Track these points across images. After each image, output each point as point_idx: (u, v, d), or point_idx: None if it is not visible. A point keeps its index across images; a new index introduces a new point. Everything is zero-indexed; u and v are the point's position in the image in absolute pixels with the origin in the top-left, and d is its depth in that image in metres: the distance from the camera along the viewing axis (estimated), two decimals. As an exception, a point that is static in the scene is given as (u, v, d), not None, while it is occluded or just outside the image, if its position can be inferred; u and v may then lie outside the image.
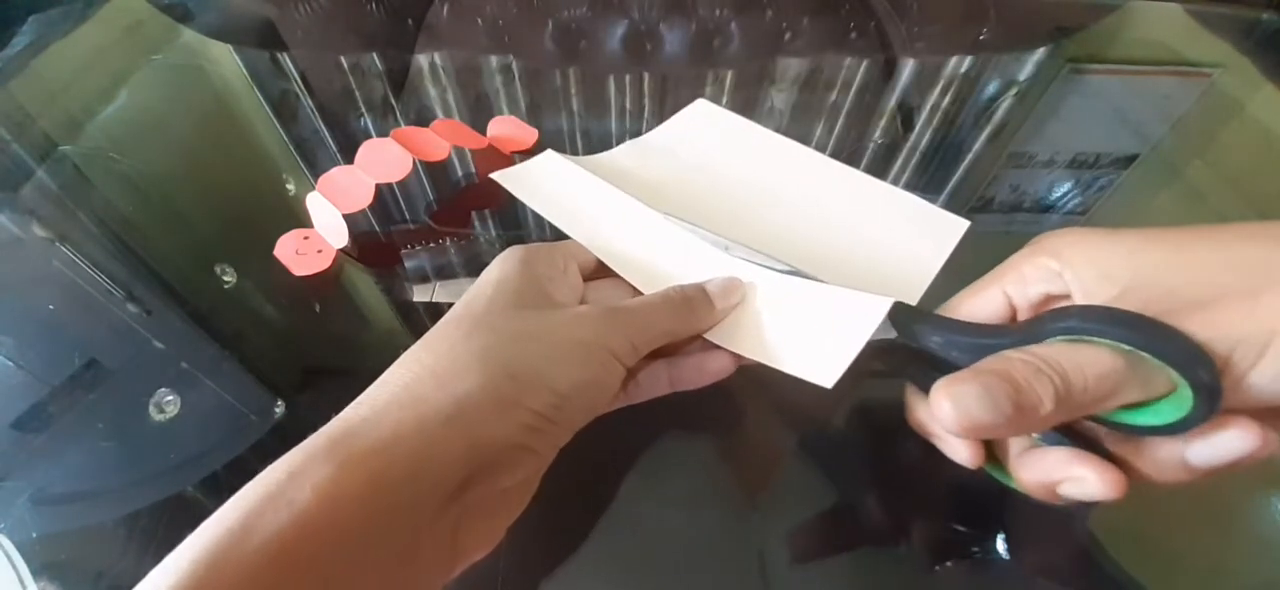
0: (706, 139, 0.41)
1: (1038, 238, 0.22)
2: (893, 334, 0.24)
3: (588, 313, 0.23)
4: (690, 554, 0.26)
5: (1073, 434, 0.21)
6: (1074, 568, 0.27)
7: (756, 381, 0.32)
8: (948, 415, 0.18)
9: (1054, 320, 0.19)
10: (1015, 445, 0.22)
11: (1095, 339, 0.18)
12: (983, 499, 0.29)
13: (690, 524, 0.27)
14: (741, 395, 0.32)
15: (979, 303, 0.23)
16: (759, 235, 0.29)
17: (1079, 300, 0.20)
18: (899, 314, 0.24)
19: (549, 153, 0.32)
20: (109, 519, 0.27)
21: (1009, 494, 0.29)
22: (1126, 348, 0.18)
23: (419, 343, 0.22)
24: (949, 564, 0.26)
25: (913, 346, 0.23)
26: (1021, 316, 0.22)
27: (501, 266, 0.24)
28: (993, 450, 0.23)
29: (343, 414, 0.20)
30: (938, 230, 0.35)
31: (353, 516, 0.17)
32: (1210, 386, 0.17)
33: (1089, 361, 0.18)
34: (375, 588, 0.18)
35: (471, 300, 0.23)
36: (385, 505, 0.18)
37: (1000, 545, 0.27)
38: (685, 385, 0.26)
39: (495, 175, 0.28)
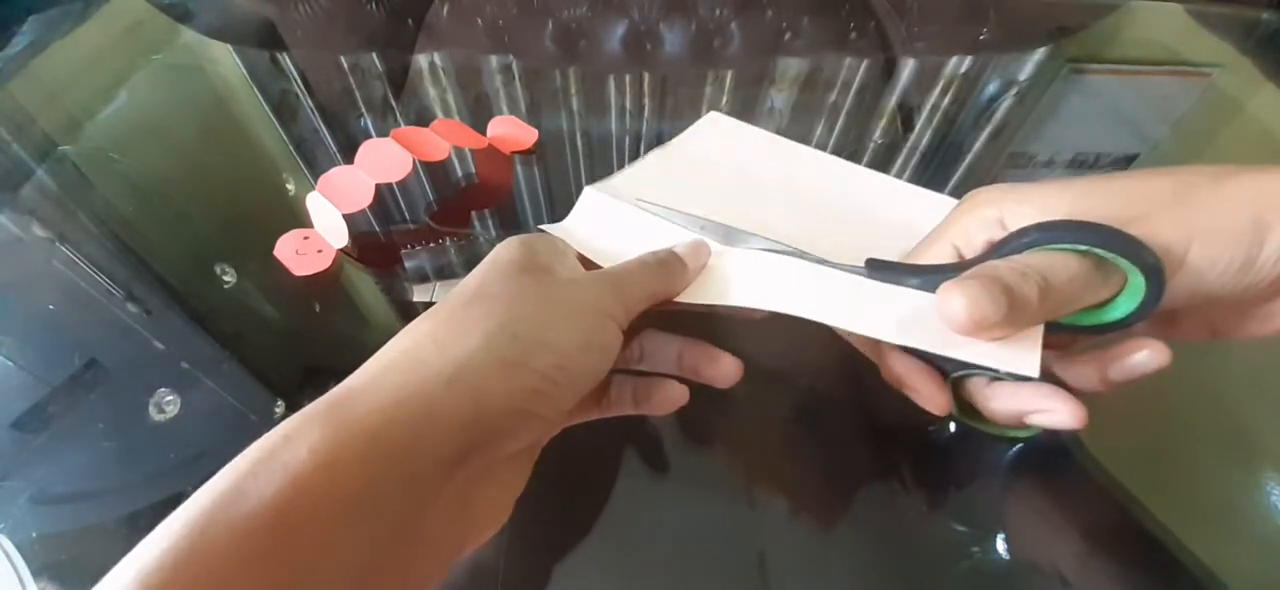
0: (727, 151, 0.41)
1: (972, 193, 0.24)
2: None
3: (583, 278, 0.24)
4: (690, 554, 0.26)
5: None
6: (1074, 568, 0.27)
7: (755, 381, 0.32)
8: (959, 310, 0.20)
9: (1017, 239, 0.21)
10: (977, 386, 0.24)
11: (1056, 247, 0.21)
12: (983, 499, 0.29)
13: (690, 524, 0.27)
14: (740, 396, 0.32)
15: (930, 255, 0.25)
16: (806, 247, 0.29)
17: None
18: (875, 265, 0.25)
19: (588, 192, 0.32)
20: (109, 519, 0.27)
21: (1009, 494, 0.29)
22: (1083, 248, 0.20)
23: (421, 316, 0.22)
24: (949, 564, 0.26)
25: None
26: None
27: (502, 247, 0.25)
28: (959, 394, 0.25)
29: (343, 381, 0.19)
30: None
31: (351, 480, 0.17)
32: (1156, 269, 0.20)
33: (1059, 262, 0.21)
34: (377, 555, 0.17)
35: (471, 277, 0.23)
36: (386, 470, 0.17)
37: (1000, 545, 0.27)
38: (645, 409, 0.27)
39: (550, 228, 0.28)
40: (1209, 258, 0.20)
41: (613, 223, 0.30)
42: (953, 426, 0.24)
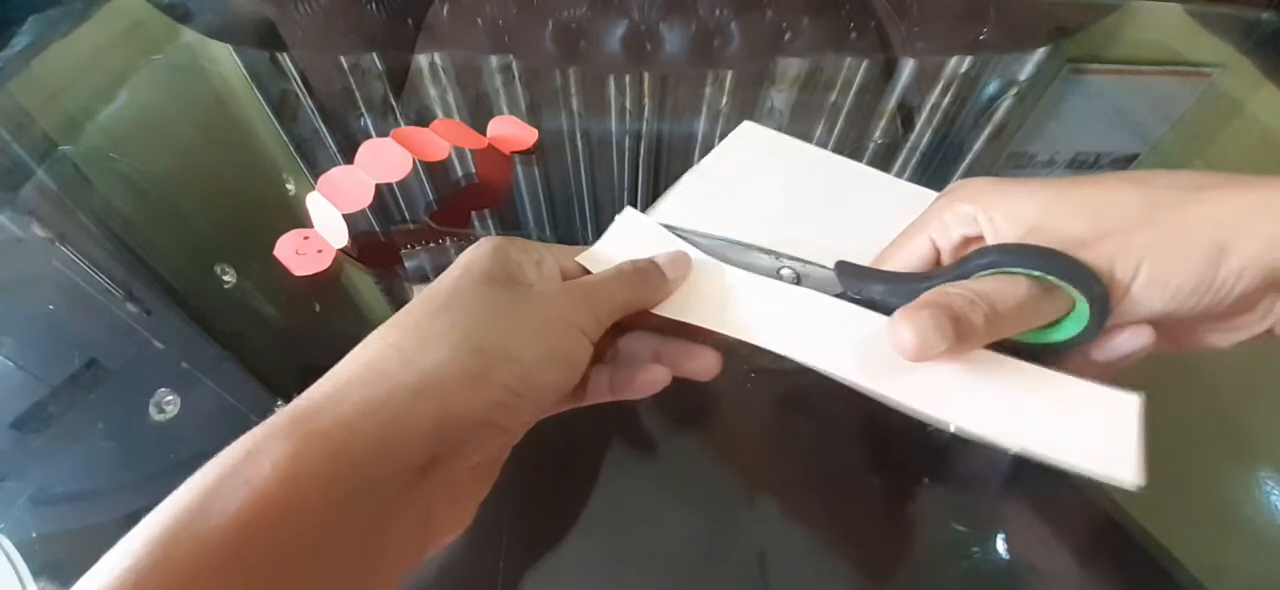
0: (763, 165, 0.39)
1: (953, 185, 0.25)
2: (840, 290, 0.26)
3: (552, 289, 0.24)
4: (690, 554, 0.26)
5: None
6: (1073, 568, 0.27)
7: (755, 382, 0.32)
8: (908, 340, 0.20)
9: (977, 258, 0.22)
10: None
11: (1012, 270, 0.22)
12: (983, 499, 0.29)
13: (691, 524, 0.27)
14: (741, 396, 0.32)
15: (910, 248, 0.25)
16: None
17: (991, 240, 0.23)
18: (844, 270, 0.25)
19: (628, 210, 0.31)
20: (109, 519, 0.27)
21: (1009, 495, 0.29)
22: (1036, 274, 0.22)
23: (386, 323, 0.22)
24: (949, 564, 0.26)
25: (859, 299, 0.25)
26: (945, 257, 0.25)
27: (472, 251, 0.24)
28: None
29: (306, 392, 0.19)
30: None
31: (314, 494, 0.17)
32: (1101, 298, 0.21)
33: (1010, 289, 0.21)
34: (340, 568, 0.17)
35: (440, 281, 0.23)
36: (349, 482, 0.17)
37: (1000, 545, 0.27)
38: (624, 394, 0.26)
39: (580, 258, 0.27)
40: (1159, 283, 0.21)
41: (643, 244, 0.29)
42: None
